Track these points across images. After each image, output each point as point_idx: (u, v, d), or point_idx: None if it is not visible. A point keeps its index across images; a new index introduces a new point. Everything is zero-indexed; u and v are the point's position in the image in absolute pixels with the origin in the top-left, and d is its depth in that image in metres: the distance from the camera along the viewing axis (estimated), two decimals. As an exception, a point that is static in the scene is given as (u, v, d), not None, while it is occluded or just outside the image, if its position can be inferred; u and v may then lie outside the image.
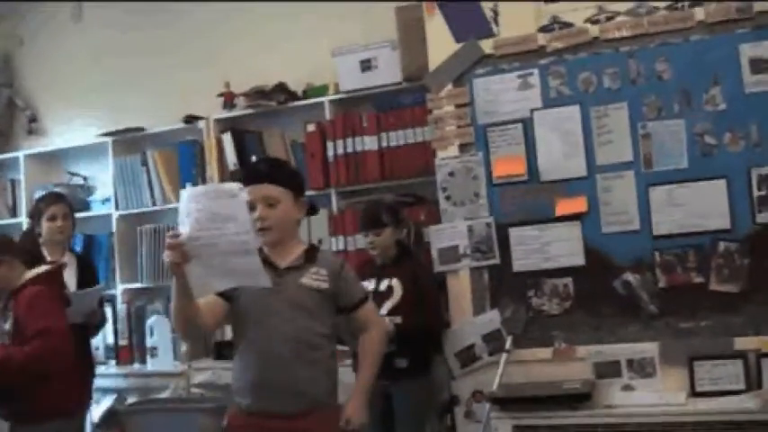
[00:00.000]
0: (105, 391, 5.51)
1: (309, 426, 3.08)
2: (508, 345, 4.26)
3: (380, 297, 4.26)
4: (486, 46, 4.43)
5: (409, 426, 4.27)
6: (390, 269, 4.37)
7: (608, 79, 4.20)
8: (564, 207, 4.25)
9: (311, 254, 3.24)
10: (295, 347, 3.09)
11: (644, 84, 4.15)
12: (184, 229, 2.77)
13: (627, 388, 4.09)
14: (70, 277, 4.77)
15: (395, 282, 4.31)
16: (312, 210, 3.44)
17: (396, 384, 4.21)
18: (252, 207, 2.99)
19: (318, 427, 3.11)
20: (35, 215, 4.93)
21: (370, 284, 4.28)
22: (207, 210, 2.74)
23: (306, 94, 5.36)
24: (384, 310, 4.22)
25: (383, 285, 4.33)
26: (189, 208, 2.78)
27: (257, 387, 3.12)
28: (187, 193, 2.85)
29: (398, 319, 4.19)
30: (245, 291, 3.03)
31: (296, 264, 3.14)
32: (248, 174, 3.30)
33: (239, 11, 5.72)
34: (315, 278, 3.16)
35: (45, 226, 4.82)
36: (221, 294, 3.05)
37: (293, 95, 5.36)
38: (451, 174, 4.45)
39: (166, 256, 2.79)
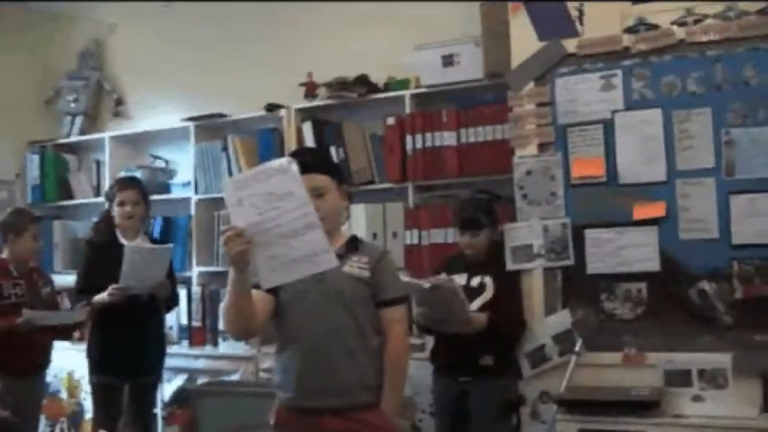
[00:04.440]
0: (177, 370, 5.64)
1: (349, 425, 3.01)
2: (578, 347, 4.22)
3: (472, 293, 4.25)
4: (570, 45, 4.39)
5: (485, 425, 4.22)
6: (482, 266, 4.35)
7: (692, 83, 4.13)
8: (642, 211, 4.19)
9: (354, 243, 3.19)
10: (337, 340, 3.03)
11: (729, 89, 4.06)
12: (239, 220, 2.67)
13: (697, 398, 4.02)
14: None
15: (487, 279, 4.30)
16: (348, 197, 3.38)
17: (477, 382, 4.21)
18: None
19: (359, 427, 3.02)
20: (109, 198, 5.05)
21: (461, 279, 4.27)
22: (261, 192, 2.64)
23: (387, 88, 5.38)
24: (475, 306, 4.20)
25: (475, 282, 4.31)
26: (238, 197, 2.66)
27: (299, 382, 3.06)
28: (232, 182, 2.75)
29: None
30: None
31: (339, 252, 2.98)
32: None
33: (324, 2, 5.75)
34: (357, 266, 3.09)
35: (116, 210, 4.94)
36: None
37: (374, 88, 5.37)
38: (529, 173, 4.42)
39: (228, 250, 2.67)
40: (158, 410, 5.47)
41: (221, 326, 5.63)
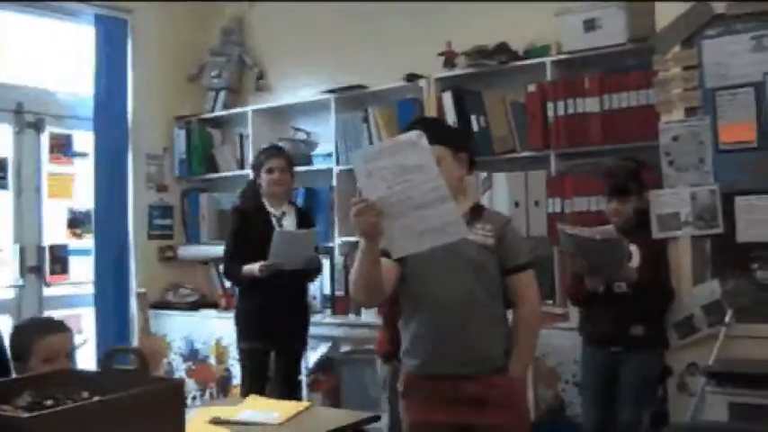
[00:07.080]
0: (321, 338, 5.74)
1: (482, 390, 3.03)
2: (728, 318, 4.10)
3: None
4: (719, 6, 4.22)
5: (634, 396, 4.14)
6: (628, 234, 4.24)
7: None
8: (797, 177, 4.02)
9: (477, 211, 3.19)
10: (463, 307, 3.05)
11: None
12: (370, 192, 2.70)
13: None
14: (289, 227, 5.00)
15: (633, 248, 4.20)
16: (472, 163, 3.34)
17: (628, 352, 4.15)
18: None
19: (490, 391, 3.04)
20: (256, 167, 5.16)
21: None
22: (392, 165, 2.67)
23: (527, 55, 5.30)
24: None
25: None
26: (368, 169, 2.70)
27: (429, 349, 3.10)
28: (360, 155, 2.77)
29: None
30: None
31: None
32: None
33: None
34: (481, 234, 3.10)
35: (264, 178, 5.04)
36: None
37: (514, 55, 5.30)
38: (676, 138, 4.30)
39: (359, 222, 2.72)
40: (303, 377, 5.57)
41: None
